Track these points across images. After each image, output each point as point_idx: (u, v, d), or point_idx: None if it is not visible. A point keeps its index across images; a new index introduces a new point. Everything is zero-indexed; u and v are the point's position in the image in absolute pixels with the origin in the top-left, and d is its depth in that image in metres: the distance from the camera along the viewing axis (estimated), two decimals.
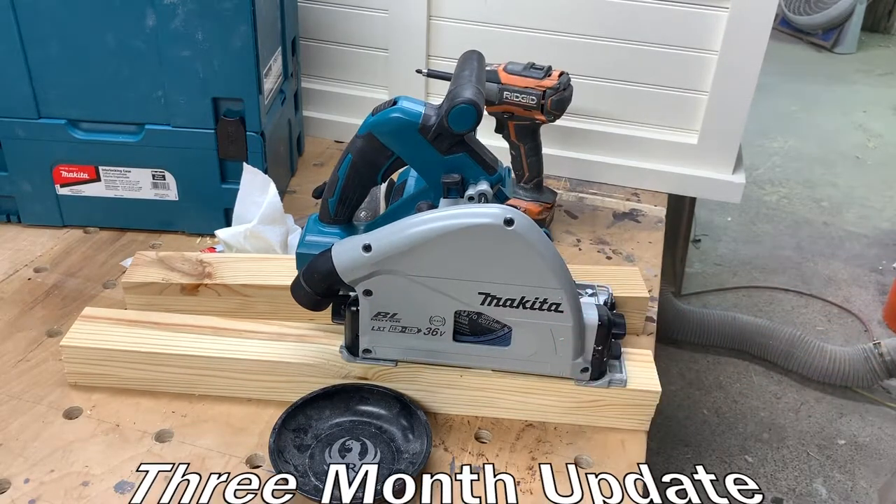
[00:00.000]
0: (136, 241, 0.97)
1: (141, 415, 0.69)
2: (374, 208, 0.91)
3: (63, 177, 0.94)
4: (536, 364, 0.68)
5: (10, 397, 0.70)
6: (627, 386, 0.69)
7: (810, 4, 4.40)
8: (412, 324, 0.67)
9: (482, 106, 0.67)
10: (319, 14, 1.20)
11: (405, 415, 0.68)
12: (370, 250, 0.63)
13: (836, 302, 2.26)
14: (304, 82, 1.23)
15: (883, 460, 1.74)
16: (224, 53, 0.87)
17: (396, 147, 0.71)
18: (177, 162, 0.93)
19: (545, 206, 1.02)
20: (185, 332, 0.72)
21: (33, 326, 0.80)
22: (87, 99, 0.90)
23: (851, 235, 2.62)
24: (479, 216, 0.61)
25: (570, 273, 0.65)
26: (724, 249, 2.51)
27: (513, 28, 1.12)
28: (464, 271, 0.63)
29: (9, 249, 0.93)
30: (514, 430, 0.70)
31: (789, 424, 1.83)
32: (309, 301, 0.66)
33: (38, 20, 0.85)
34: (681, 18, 1.06)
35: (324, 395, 0.69)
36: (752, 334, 1.97)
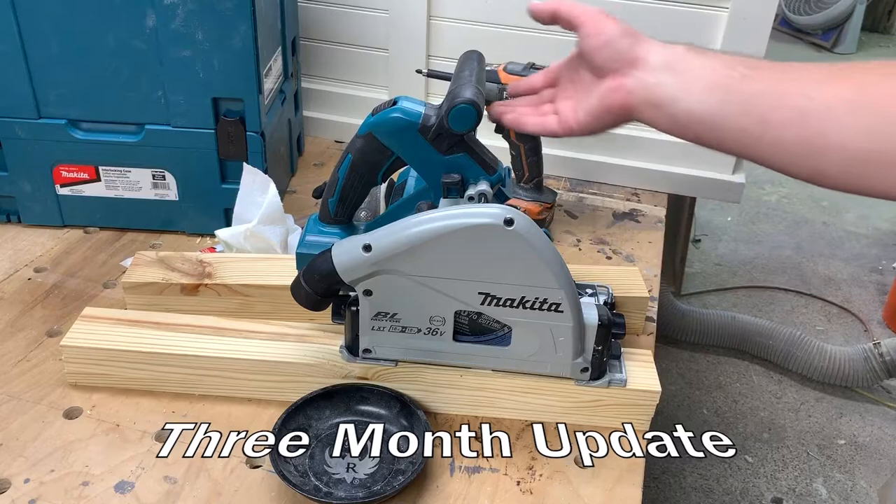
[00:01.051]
0: (136, 241, 0.97)
1: (141, 415, 0.69)
2: (374, 208, 0.91)
3: (63, 177, 0.94)
4: (536, 364, 0.69)
5: (10, 397, 0.71)
6: (627, 386, 0.69)
7: (810, 4, 4.40)
8: (412, 324, 0.67)
9: (482, 106, 0.67)
10: (319, 14, 1.20)
11: (405, 415, 0.68)
12: (370, 250, 0.63)
13: (836, 302, 2.26)
14: (304, 82, 1.23)
15: (883, 460, 1.74)
16: (224, 53, 0.87)
17: (396, 147, 0.71)
18: (177, 162, 0.93)
19: (545, 206, 1.02)
20: (185, 332, 0.72)
21: (33, 326, 0.80)
22: (87, 99, 0.90)
23: (851, 235, 2.63)
24: (479, 216, 0.61)
25: (570, 273, 0.65)
26: (724, 249, 2.51)
27: (513, 28, 1.12)
28: (464, 271, 0.64)
29: (9, 249, 0.93)
30: (514, 430, 0.70)
31: (789, 424, 1.83)
32: (309, 301, 0.66)
33: (38, 20, 0.85)
34: (681, 18, 1.06)
35: (324, 395, 0.69)
36: (752, 334, 1.97)
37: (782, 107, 0.56)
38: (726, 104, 0.58)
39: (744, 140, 0.58)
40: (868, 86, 0.54)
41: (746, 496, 1.63)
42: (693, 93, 0.59)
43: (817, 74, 0.56)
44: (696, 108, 0.59)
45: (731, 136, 0.59)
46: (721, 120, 0.58)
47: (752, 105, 0.57)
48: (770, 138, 0.57)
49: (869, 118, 0.53)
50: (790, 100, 0.56)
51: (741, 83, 0.58)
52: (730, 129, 0.58)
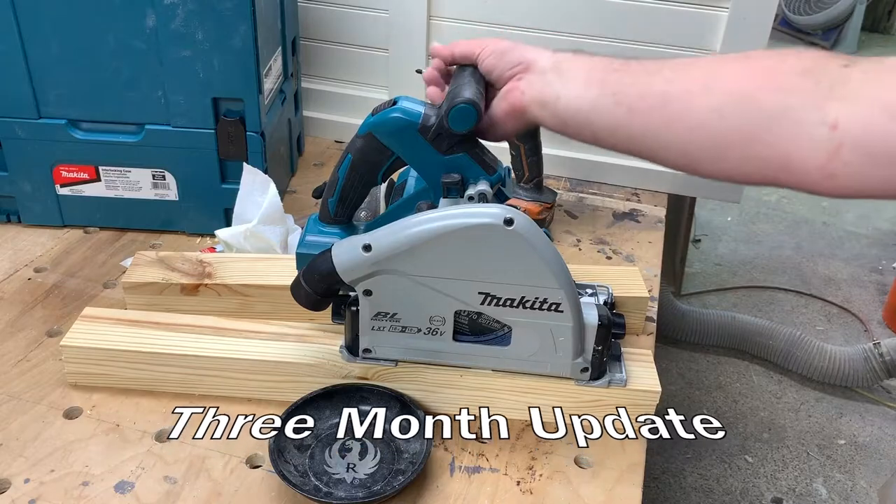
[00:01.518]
0: (136, 241, 0.97)
1: (141, 415, 0.69)
2: (374, 208, 0.91)
3: (63, 177, 0.94)
4: (536, 364, 0.69)
5: (10, 397, 0.71)
6: (627, 386, 0.69)
7: (810, 4, 4.40)
8: (412, 324, 0.67)
9: (482, 106, 0.67)
10: (319, 14, 1.20)
11: (405, 415, 0.68)
12: (370, 250, 0.63)
13: (836, 302, 2.26)
14: (304, 82, 1.23)
15: (883, 460, 1.74)
16: (224, 53, 0.87)
17: (396, 147, 0.71)
18: (177, 162, 0.93)
19: (545, 206, 1.02)
20: (185, 332, 0.72)
21: (33, 326, 0.80)
22: (87, 99, 0.90)
23: (851, 235, 2.63)
24: (479, 216, 0.61)
25: (570, 273, 0.65)
26: (724, 249, 2.51)
27: (513, 28, 1.12)
28: (464, 271, 0.64)
29: (9, 249, 0.93)
30: (514, 430, 0.70)
31: (789, 424, 1.83)
32: (309, 301, 0.66)
33: (38, 20, 0.85)
34: (681, 18, 1.06)
35: (324, 395, 0.69)
36: (752, 334, 1.97)
37: (648, 94, 0.60)
38: (601, 97, 0.62)
39: (617, 132, 0.63)
40: (717, 69, 0.59)
41: (746, 496, 1.63)
42: (573, 89, 0.63)
43: (680, 64, 0.61)
44: (574, 103, 0.63)
45: (606, 127, 0.63)
46: (596, 114, 0.63)
47: (622, 95, 0.61)
48: (639, 125, 0.61)
49: (719, 97, 0.58)
50: (655, 87, 0.60)
51: (613, 76, 0.62)
52: (604, 121, 0.63)
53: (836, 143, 0.52)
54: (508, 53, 0.68)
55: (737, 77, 0.58)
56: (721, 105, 0.57)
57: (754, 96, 0.56)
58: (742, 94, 0.57)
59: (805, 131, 0.54)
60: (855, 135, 0.52)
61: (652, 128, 0.61)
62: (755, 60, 0.58)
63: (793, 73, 0.55)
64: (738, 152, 0.57)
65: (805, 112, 0.54)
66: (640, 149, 0.63)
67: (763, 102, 0.55)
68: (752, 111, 0.56)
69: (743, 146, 0.57)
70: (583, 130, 0.64)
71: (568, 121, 0.64)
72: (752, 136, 0.56)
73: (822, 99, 0.54)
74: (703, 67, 0.60)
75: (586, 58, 0.65)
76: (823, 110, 0.53)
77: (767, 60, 0.58)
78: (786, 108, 0.54)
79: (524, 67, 0.67)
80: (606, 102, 0.62)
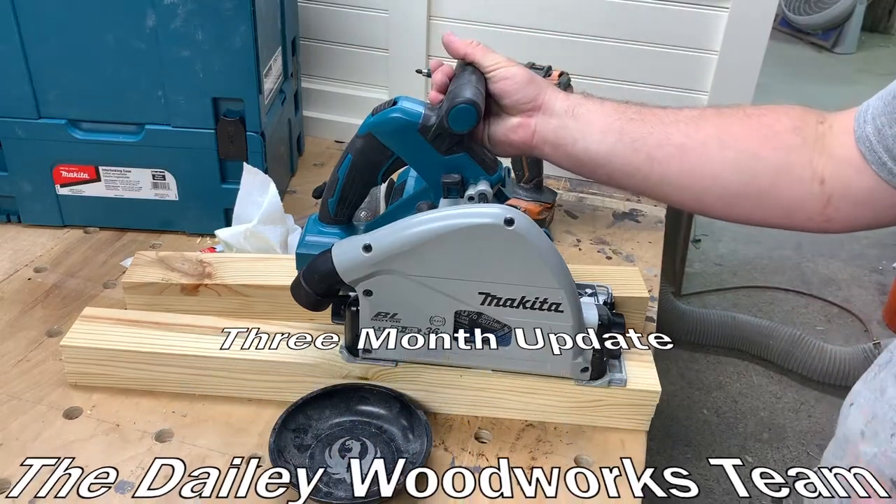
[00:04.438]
0: (136, 241, 0.97)
1: (141, 415, 0.69)
2: (374, 208, 0.91)
3: (63, 177, 0.94)
4: (536, 364, 0.68)
5: (10, 397, 0.70)
6: (627, 386, 0.69)
7: (810, 4, 4.40)
8: (412, 324, 0.67)
9: (482, 106, 0.67)
10: (319, 14, 1.20)
11: (405, 414, 0.68)
12: (370, 250, 0.63)
13: (836, 302, 2.26)
14: (304, 82, 1.23)
15: None
16: (224, 53, 0.87)
17: (396, 147, 0.71)
18: (177, 162, 0.93)
19: (545, 206, 1.02)
20: (185, 332, 0.72)
21: (33, 326, 0.80)
22: (87, 99, 0.90)
23: (851, 235, 2.62)
24: (480, 216, 0.61)
25: (570, 273, 0.65)
26: (724, 249, 2.51)
27: (513, 28, 1.12)
28: (464, 271, 0.63)
29: (9, 249, 0.93)
30: (514, 430, 0.70)
31: (789, 424, 1.83)
32: (309, 301, 0.66)
33: (38, 20, 0.85)
34: (681, 18, 1.06)
35: (324, 394, 0.69)
36: (752, 334, 1.97)
37: (666, 144, 0.66)
38: (618, 144, 0.67)
39: (635, 175, 0.68)
40: (727, 126, 0.65)
41: None
42: (591, 134, 0.67)
43: (690, 117, 0.66)
44: (593, 148, 0.67)
45: (623, 171, 0.68)
46: (614, 158, 0.67)
47: (640, 144, 0.66)
48: (657, 173, 0.66)
49: (732, 152, 0.64)
50: (673, 138, 0.65)
51: (631, 126, 0.67)
52: (621, 165, 0.67)
53: (826, 195, 0.62)
54: (526, 87, 0.69)
55: (744, 134, 0.64)
56: (736, 159, 0.63)
57: (759, 154, 0.63)
58: (751, 151, 0.63)
59: (804, 188, 0.62)
60: (837, 188, 0.61)
61: (669, 175, 0.66)
62: (755, 119, 0.64)
63: (787, 132, 0.63)
64: (750, 202, 0.65)
65: (801, 170, 0.62)
66: (655, 192, 0.69)
67: (769, 159, 0.63)
68: (761, 167, 0.63)
69: (754, 197, 0.64)
70: (598, 171, 0.69)
71: (585, 162, 0.69)
72: (761, 189, 0.63)
73: (810, 154, 0.62)
74: (712, 122, 0.65)
75: (598, 103, 0.69)
76: (812, 166, 0.62)
77: (765, 118, 0.64)
78: (788, 165, 0.62)
79: (537, 106, 0.69)
80: (625, 150, 0.66)
